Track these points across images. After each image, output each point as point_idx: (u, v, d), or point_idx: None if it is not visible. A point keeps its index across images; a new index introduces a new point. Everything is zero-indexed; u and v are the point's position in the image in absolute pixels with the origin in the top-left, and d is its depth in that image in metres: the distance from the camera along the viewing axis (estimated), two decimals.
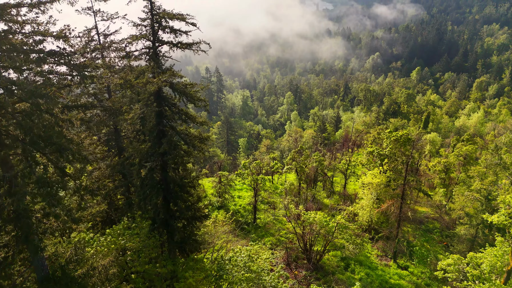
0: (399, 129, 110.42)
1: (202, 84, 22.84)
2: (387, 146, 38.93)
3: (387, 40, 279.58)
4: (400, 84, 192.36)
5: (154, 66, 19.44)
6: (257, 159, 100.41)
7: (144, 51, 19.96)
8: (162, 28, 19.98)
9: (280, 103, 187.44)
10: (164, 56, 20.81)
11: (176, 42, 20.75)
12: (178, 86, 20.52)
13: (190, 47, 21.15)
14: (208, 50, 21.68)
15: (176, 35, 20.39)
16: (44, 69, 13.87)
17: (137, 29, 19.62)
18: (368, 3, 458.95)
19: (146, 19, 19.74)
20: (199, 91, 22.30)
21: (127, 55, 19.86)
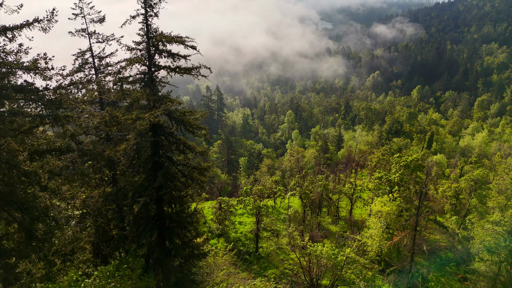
0: (403, 148, 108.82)
1: (202, 111, 21.16)
2: (396, 171, 37.01)
3: (387, 58, 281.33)
4: (401, 103, 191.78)
5: (150, 93, 17.77)
6: (258, 179, 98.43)
7: (139, 77, 18.34)
8: (158, 52, 18.42)
9: (281, 121, 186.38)
10: (161, 81, 19.22)
11: (174, 67, 19.17)
12: (176, 114, 18.81)
13: (189, 72, 19.54)
14: (208, 75, 20.07)
15: (174, 59, 18.82)
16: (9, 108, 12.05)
17: (132, 53, 18.08)
18: (367, 23, 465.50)
19: (141, 43, 18.20)
20: (199, 119, 20.60)
21: (119, 80, 18.15)
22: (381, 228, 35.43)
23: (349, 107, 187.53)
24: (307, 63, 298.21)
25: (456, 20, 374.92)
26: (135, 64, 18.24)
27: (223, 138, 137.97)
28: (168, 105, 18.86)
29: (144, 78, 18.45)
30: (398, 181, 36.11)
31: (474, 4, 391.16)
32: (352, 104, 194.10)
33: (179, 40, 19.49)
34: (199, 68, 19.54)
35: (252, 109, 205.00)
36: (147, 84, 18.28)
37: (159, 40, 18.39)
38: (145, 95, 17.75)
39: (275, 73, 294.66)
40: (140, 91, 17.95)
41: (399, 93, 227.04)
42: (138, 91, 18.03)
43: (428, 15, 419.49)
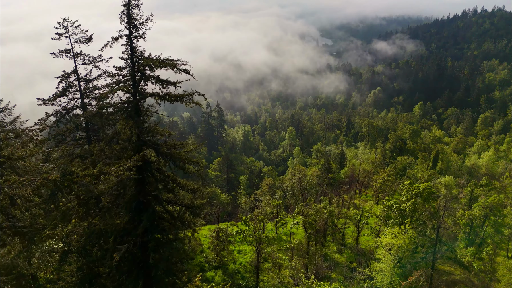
0: (407, 167, 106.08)
1: (194, 143, 18.78)
2: (407, 200, 34.32)
3: (388, 75, 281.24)
4: (403, 119, 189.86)
5: (133, 126, 15.39)
6: (259, 199, 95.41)
7: (122, 107, 16.01)
8: (145, 78, 16.18)
9: (282, 138, 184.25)
10: (148, 110, 16.91)
11: (163, 94, 16.85)
12: (163, 149, 16.40)
13: (181, 100, 17.19)
14: (202, 102, 17.77)
15: (163, 86, 16.54)
16: None
17: (114, 79, 15.83)
18: (367, 39, 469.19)
19: (125, 68, 15.98)
20: (191, 151, 18.15)
21: (98, 110, 15.77)
22: (393, 262, 32.52)
23: (351, 124, 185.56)
24: (308, 79, 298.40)
25: (456, 37, 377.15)
26: (118, 92, 15.92)
27: (223, 156, 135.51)
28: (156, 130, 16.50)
29: (128, 108, 16.11)
30: (410, 211, 33.42)
31: (473, 21, 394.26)
32: (354, 120, 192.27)
33: (169, 63, 17.24)
34: (192, 95, 17.20)
35: (252, 126, 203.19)
36: (130, 115, 15.93)
37: (146, 65, 16.12)
38: (127, 128, 15.37)
39: (276, 89, 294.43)
40: (122, 123, 15.56)
41: (400, 109, 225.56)
42: (120, 123, 15.63)
43: (427, 32, 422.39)
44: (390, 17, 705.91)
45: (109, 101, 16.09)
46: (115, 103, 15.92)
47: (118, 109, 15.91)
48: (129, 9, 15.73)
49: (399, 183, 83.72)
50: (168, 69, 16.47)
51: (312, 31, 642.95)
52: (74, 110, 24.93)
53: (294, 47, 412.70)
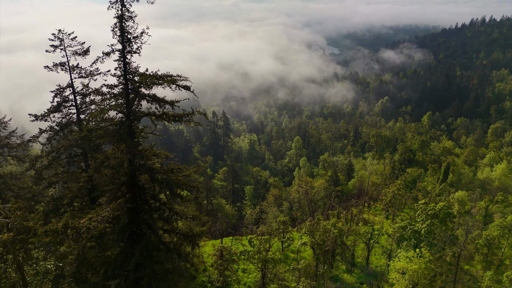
0: (417, 180, 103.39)
1: (194, 166, 17.18)
2: (423, 221, 32.26)
3: (395, 84, 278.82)
4: (411, 129, 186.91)
5: (125, 150, 13.85)
6: (264, 210, 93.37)
7: (113, 129, 14.47)
8: (139, 97, 14.69)
9: (288, 147, 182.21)
10: (143, 132, 15.39)
11: (160, 113, 15.33)
12: (159, 175, 14.78)
13: (180, 120, 15.65)
14: (203, 123, 16.26)
15: (160, 105, 15.03)
16: None
17: (103, 98, 14.37)
18: (374, 48, 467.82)
19: (117, 86, 14.53)
20: (190, 175, 16.54)
21: (86, 136, 14.23)
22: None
23: (358, 134, 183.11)
24: (314, 88, 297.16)
25: (464, 46, 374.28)
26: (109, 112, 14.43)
27: (229, 165, 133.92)
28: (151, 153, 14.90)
29: (120, 130, 14.55)
30: (426, 233, 31.35)
31: (482, 30, 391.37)
32: (361, 130, 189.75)
33: (168, 80, 15.74)
34: (192, 114, 15.63)
35: (259, 134, 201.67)
36: (122, 137, 14.37)
37: (140, 83, 14.59)
38: (119, 152, 13.83)
39: (282, 98, 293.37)
40: (113, 147, 14.05)
41: (409, 119, 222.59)
42: (111, 147, 14.12)
43: (435, 41, 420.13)
44: (397, 26, 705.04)
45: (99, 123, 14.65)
46: (106, 125, 14.43)
47: (108, 133, 14.39)
48: (122, 21, 14.35)
49: (409, 196, 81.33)
50: (166, 86, 14.96)
51: (319, 40, 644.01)
52: (70, 126, 23.60)
53: (301, 56, 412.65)
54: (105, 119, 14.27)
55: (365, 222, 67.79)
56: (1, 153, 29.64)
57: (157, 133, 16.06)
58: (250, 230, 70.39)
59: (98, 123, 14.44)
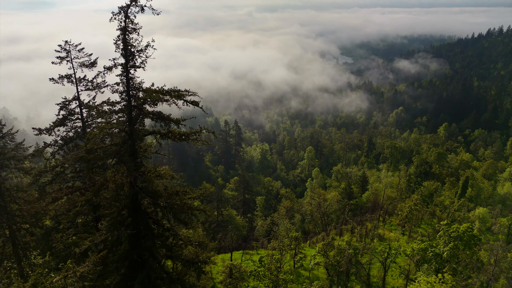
0: (434, 194, 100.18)
1: (202, 188, 15.98)
2: (445, 244, 30.25)
3: (410, 94, 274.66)
4: (427, 141, 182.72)
5: (125, 173, 12.69)
6: (276, 222, 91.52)
7: (114, 150, 13.35)
8: (143, 115, 13.62)
9: (300, 157, 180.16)
10: (147, 151, 14.29)
11: (165, 132, 14.21)
12: (162, 200, 13.57)
13: (186, 138, 14.48)
14: (211, 142, 15.08)
15: (165, 122, 13.92)
16: None
17: (103, 116, 13.35)
18: (388, 58, 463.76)
19: (119, 103, 13.50)
20: (195, 196, 15.30)
21: (83, 157, 13.16)
22: None
23: (372, 144, 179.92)
24: (327, 98, 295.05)
25: (481, 57, 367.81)
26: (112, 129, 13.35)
27: (240, 175, 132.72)
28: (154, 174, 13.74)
29: (120, 151, 13.43)
30: (449, 257, 29.35)
31: (499, 40, 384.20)
32: (375, 141, 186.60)
33: (175, 95, 14.62)
34: (199, 132, 14.45)
35: (270, 144, 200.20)
36: (122, 159, 13.26)
37: (145, 99, 13.50)
38: (119, 175, 12.66)
39: (295, 107, 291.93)
40: (112, 169, 12.93)
41: (424, 130, 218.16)
42: (110, 169, 13.01)
43: (451, 51, 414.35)
44: (411, 36, 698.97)
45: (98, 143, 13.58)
46: (106, 145, 13.37)
47: (108, 154, 13.32)
48: (126, 34, 13.40)
49: (426, 211, 78.46)
50: (173, 101, 13.83)
51: (332, 49, 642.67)
52: (75, 140, 22.79)
53: (314, 65, 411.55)
54: (105, 139, 13.25)
55: (380, 238, 65.44)
56: (8, 165, 29.04)
57: (162, 152, 14.96)
58: (261, 244, 68.72)
59: (97, 143, 13.42)
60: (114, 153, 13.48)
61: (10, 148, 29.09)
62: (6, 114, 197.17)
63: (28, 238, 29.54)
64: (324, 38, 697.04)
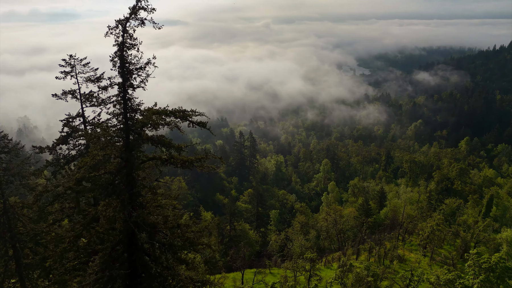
0: (456, 212, 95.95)
1: (205, 221, 14.39)
2: (475, 276, 27.63)
3: (430, 107, 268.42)
4: (448, 155, 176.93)
5: (118, 207, 11.20)
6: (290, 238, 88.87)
7: (107, 178, 11.90)
8: (141, 140, 12.17)
9: (316, 170, 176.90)
10: (146, 180, 12.82)
11: (167, 157, 12.72)
12: (160, 235, 11.99)
13: (189, 165, 12.96)
14: (217, 168, 13.52)
15: (167, 148, 12.44)
16: None
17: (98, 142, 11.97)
18: (407, 70, 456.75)
19: (115, 126, 12.13)
20: (199, 230, 13.65)
21: (71, 188, 11.75)
22: None
23: (390, 158, 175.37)
24: (344, 109, 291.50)
25: (503, 69, 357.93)
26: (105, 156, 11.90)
27: (254, 187, 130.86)
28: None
29: (114, 180, 11.95)
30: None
31: None
32: (394, 154, 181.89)
33: (179, 115, 13.12)
34: (204, 158, 12.87)
35: (285, 156, 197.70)
36: (115, 190, 11.78)
37: (145, 123, 12.04)
38: (111, 209, 11.16)
39: (311, 119, 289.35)
40: (104, 202, 11.43)
41: (444, 144, 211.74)
42: (101, 203, 11.52)
43: (472, 63, 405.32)
44: (430, 48, 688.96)
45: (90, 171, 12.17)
46: (99, 174, 11.91)
47: (101, 184, 11.81)
48: (123, 50, 12.11)
49: (448, 231, 74.62)
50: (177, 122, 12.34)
51: (350, 61, 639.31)
52: (78, 159, 21.66)
53: (331, 77, 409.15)
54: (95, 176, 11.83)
55: (400, 260, 62.24)
56: (12, 181, 28.13)
57: (162, 181, 13.45)
58: (274, 262, 66.44)
59: (89, 171, 12.02)
60: (107, 183, 12.05)
61: (15, 164, 28.26)
62: (26, 122, 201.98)
63: (31, 258, 28.43)
64: (341, 50, 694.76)
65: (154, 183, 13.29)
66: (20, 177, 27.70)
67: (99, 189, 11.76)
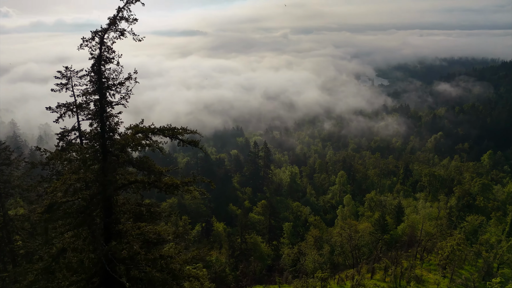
0: (478, 230, 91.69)
1: (194, 250, 12.99)
2: None
3: (451, 119, 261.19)
4: (470, 169, 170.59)
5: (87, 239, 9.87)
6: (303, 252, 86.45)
7: (81, 205, 10.69)
8: (119, 163, 11.02)
9: (332, 182, 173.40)
10: (126, 205, 11.61)
11: (151, 181, 11.50)
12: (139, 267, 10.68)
13: (172, 191, 11.83)
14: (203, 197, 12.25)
15: (147, 173, 11.25)
16: None
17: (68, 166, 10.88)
18: (428, 80, 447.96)
19: (90, 148, 11.04)
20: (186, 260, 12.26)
21: (40, 217, 10.62)
22: None
23: (409, 171, 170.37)
24: (362, 120, 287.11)
25: None
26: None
27: (267, 198, 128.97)
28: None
29: (87, 209, 10.73)
30: None
31: None
32: (412, 167, 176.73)
33: (168, 133, 11.98)
34: (191, 182, 11.58)
35: (300, 167, 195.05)
36: (85, 220, 10.54)
37: (124, 144, 10.92)
38: (80, 240, 9.92)
39: (327, 129, 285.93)
40: (71, 234, 10.19)
41: (466, 157, 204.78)
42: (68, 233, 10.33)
43: (495, 75, 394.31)
44: (451, 59, 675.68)
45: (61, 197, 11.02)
46: (71, 199, 10.78)
47: (71, 212, 10.60)
48: (101, 64, 11.10)
49: (470, 251, 70.88)
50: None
51: (368, 71, 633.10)
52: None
53: (349, 87, 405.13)
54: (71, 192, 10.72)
55: (418, 281, 59.22)
56: (12, 194, 27.60)
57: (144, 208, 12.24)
58: (285, 279, 64.41)
59: (60, 197, 10.91)
60: (78, 211, 10.87)
61: (16, 176, 27.79)
62: (47, 129, 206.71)
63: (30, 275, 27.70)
64: (359, 60, 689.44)
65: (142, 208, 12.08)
66: (21, 189, 27.18)
67: (69, 218, 10.62)
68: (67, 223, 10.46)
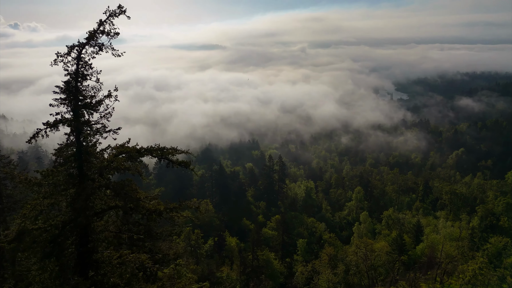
0: (502, 252, 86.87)
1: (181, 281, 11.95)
2: None
3: (473, 134, 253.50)
4: (493, 187, 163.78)
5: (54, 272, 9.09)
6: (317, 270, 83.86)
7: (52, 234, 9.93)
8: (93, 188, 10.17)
9: (348, 197, 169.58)
10: (105, 232, 10.72)
11: (131, 206, 10.61)
12: None
13: (158, 216, 10.75)
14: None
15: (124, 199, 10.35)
16: None
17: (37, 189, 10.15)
18: (448, 95, 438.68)
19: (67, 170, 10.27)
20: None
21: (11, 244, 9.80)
22: None
23: (429, 188, 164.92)
24: (380, 135, 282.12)
25: None
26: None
27: (281, 214, 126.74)
28: None
29: (60, 235, 9.86)
30: None
31: None
32: (432, 184, 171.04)
33: (157, 153, 11.08)
34: (178, 208, 10.59)
35: (316, 181, 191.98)
36: (53, 251, 9.65)
37: (102, 167, 10.13)
38: (47, 274, 9.07)
39: (345, 143, 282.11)
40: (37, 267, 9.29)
41: (489, 175, 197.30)
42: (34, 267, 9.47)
43: None
44: (473, 73, 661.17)
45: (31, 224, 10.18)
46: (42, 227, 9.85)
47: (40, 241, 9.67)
48: (77, 81, 10.42)
49: (493, 275, 66.87)
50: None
51: (387, 85, 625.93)
52: None
53: (367, 101, 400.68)
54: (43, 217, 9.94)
55: None
56: (15, 208, 27.36)
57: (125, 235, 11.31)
58: None
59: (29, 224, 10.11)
60: (47, 240, 9.97)
61: (19, 191, 27.56)
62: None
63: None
64: (378, 74, 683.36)
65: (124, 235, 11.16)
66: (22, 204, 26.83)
67: (36, 248, 9.75)
68: (34, 253, 9.65)
